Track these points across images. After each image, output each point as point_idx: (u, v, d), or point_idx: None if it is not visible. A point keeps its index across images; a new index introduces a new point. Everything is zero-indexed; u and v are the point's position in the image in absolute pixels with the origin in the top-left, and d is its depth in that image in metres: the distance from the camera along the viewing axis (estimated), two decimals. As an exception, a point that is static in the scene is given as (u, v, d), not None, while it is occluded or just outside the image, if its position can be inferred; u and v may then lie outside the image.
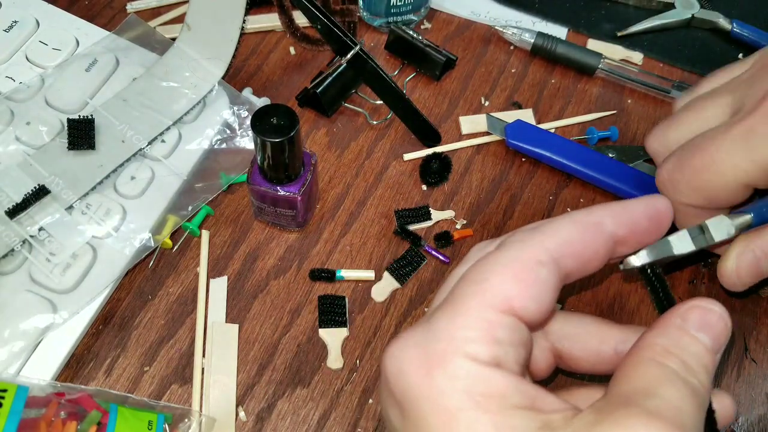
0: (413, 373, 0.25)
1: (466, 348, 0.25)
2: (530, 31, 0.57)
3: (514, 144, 0.50)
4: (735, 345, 0.45)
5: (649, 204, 0.29)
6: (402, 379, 0.25)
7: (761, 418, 0.42)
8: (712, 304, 0.27)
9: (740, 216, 0.37)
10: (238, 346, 0.43)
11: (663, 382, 0.24)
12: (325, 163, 0.51)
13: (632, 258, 0.31)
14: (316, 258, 0.47)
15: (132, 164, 0.47)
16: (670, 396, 0.24)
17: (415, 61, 0.55)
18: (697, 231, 0.35)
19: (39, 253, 0.43)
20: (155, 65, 0.51)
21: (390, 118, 0.53)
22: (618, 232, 0.28)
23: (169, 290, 0.45)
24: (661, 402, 0.23)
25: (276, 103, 0.46)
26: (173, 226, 0.46)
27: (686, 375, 0.25)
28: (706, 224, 0.35)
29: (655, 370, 0.25)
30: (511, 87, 0.56)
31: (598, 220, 0.28)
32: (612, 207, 0.29)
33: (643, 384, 0.24)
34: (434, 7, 0.60)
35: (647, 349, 0.26)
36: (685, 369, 0.25)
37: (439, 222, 0.49)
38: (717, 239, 0.36)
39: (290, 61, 0.56)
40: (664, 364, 0.25)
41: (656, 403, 0.23)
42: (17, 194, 0.43)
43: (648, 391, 0.24)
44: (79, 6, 0.58)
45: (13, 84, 0.50)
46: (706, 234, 0.35)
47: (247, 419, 0.41)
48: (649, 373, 0.25)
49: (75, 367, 0.42)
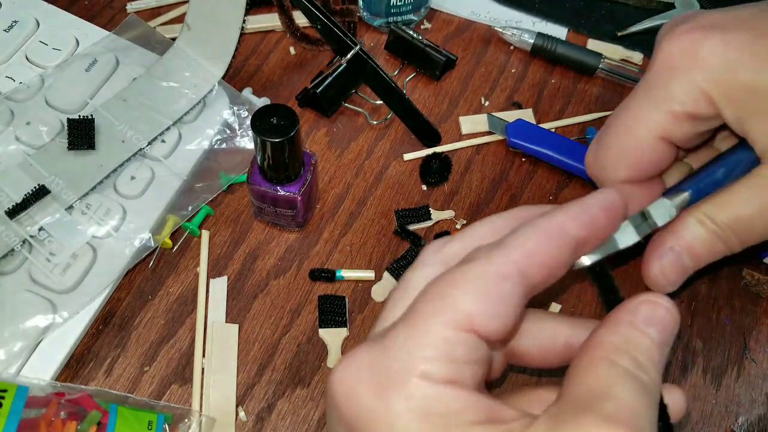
0: (365, 395, 0.24)
1: (422, 367, 0.24)
2: (530, 31, 0.57)
3: (515, 143, 0.50)
4: (735, 345, 0.45)
5: (602, 198, 0.28)
6: (354, 401, 0.24)
7: (761, 418, 0.42)
8: (660, 297, 0.27)
9: (678, 195, 0.37)
10: (238, 346, 0.43)
11: (616, 383, 0.24)
12: (325, 163, 0.51)
13: (583, 258, 0.30)
14: (316, 258, 0.47)
15: (132, 164, 0.47)
16: (624, 397, 0.24)
17: (415, 61, 0.55)
18: (639, 219, 0.35)
19: (39, 253, 0.43)
20: (155, 65, 0.51)
21: (390, 118, 0.53)
22: (580, 234, 0.27)
23: (169, 290, 0.45)
24: (615, 404, 0.23)
25: (276, 103, 0.46)
26: (173, 226, 0.46)
27: (638, 372, 0.25)
28: (647, 210, 0.35)
29: (608, 370, 0.25)
30: (511, 87, 0.56)
31: (560, 225, 0.27)
32: (570, 208, 0.28)
33: (597, 385, 0.24)
34: (434, 7, 0.60)
35: (599, 348, 0.26)
36: (636, 366, 0.25)
37: (439, 222, 0.49)
38: (660, 223, 0.36)
39: (290, 61, 0.56)
40: (615, 363, 0.25)
41: (611, 406, 0.23)
42: (17, 194, 0.43)
43: (602, 394, 0.24)
44: (79, 6, 0.58)
45: (13, 84, 0.50)
46: (649, 220, 0.35)
47: (247, 419, 0.41)
48: (601, 374, 0.25)
49: (75, 367, 0.42)
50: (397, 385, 0.24)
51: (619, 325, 0.26)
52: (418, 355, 0.24)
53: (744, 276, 0.47)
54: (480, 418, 0.24)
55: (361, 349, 0.26)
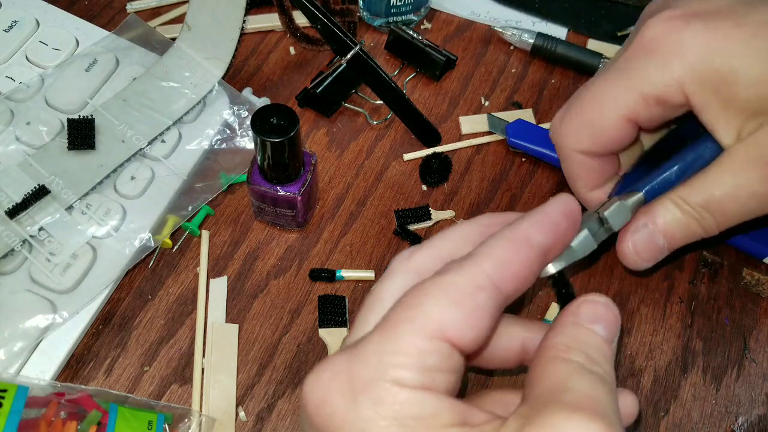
0: (336, 402, 0.24)
1: (393, 373, 0.24)
2: (530, 31, 0.57)
3: (515, 143, 0.50)
4: (735, 345, 0.45)
5: (561, 202, 0.29)
6: (325, 408, 0.24)
7: (761, 418, 0.42)
8: (599, 296, 0.28)
9: (632, 195, 0.37)
10: (238, 346, 0.43)
11: (572, 376, 0.25)
12: (325, 163, 0.51)
13: (548, 266, 0.31)
14: (316, 258, 0.47)
15: (132, 164, 0.47)
16: (581, 387, 0.24)
17: (415, 61, 0.55)
18: (597, 225, 0.35)
19: (39, 253, 0.43)
20: (155, 65, 0.51)
21: (390, 118, 0.53)
22: (546, 241, 0.28)
23: (169, 290, 0.45)
24: (575, 394, 0.24)
25: (276, 103, 0.46)
26: (173, 226, 0.46)
27: (591, 366, 0.25)
28: (604, 216, 0.36)
29: (562, 366, 0.26)
30: (511, 87, 0.56)
31: (526, 234, 0.27)
32: (533, 217, 0.28)
33: (555, 382, 0.25)
34: (434, 7, 0.60)
35: (550, 348, 0.26)
36: (588, 361, 0.26)
37: (439, 222, 0.49)
38: (617, 227, 0.37)
39: (290, 61, 0.56)
40: (568, 359, 0.26)
41: (572, 396, 0.24)
42: (17, 194, 0.44)
43: (561, 387, 0.24)
44: (79, 6, 0.58)
45: (13, 84, 0.50)
46: (605, 225, 0.36)
47: (247, 419, 0.41)
48: (557, 370, 0.25)
49: (75, 367, 0.42)
50: (369, 390, 0.24)
51: (564, 326, 0.27)
52: (391, 362, 0.24)
53: (744, 276, 0.47)
54: (453, 421, 0.24)
55: (334, 357, 0.26)
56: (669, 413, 0.42)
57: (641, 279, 0.47)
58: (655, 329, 0.45)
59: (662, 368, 0.43)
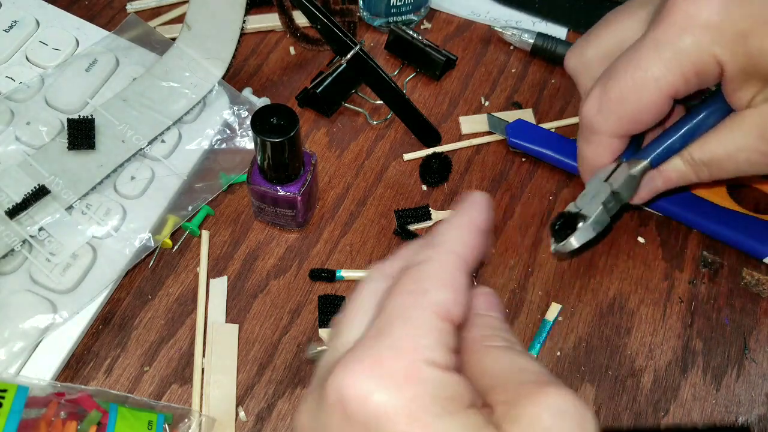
0: (384, 392, 0.24)
1: (426, 355, 0.25)
2: (530, 31, 0.57)
3: (515, 143, 0.50)
4: (735, 345, 0.45)
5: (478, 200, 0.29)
6: (371, 401, 0.24)
7: (761, 418, 0.42)
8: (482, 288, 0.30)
9: (638, 162, 0.40)
10: (238, 346, 0.43)
11: (511, 357, 0.26)
12: (325, 163, 0.51)
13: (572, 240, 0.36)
14: (316, 258, 0.47)
15: (132, 164, 0.47)
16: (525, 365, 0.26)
17: (415, 61, 0.55)
18: (610, 198, 0.40)
19: (39, 253, 0.43)
20: (155, 65, 0.51)
21: (390, 118, 0.53)
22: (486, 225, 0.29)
23: (169, 290, 0.45)
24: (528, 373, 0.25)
25: (276, 103, 0.46)
26: (173, 226, 0.46)
27: (513, 345, 0.27)
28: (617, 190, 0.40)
29: (496, 352, 0.27)
30: (511, 87, 0.56)
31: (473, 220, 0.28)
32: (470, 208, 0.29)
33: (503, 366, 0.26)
34: (434, 7, 0.60)
35: (475, 342, 0.28)
36: (508, 341, 0.27)
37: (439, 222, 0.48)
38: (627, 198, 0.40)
39: (290, 61, 0.56)
40: (496, 345, 0.27)
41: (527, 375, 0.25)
42: (17, 194, 0.43)
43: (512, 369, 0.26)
44: (79, 6, 0.58)
45: (13, 84, 0.50)
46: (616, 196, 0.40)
47: (247, 419, 0.41)
48: (498, 358, 0.27)
49: (75, 367, 0.42)
50: (411, 375, 0.24)
51: (472, 320, 0.29)
52: (420, 345, 0.25)
53: (744, 276, 0.47)
54: (472, 402, 0.25)
55: (356, 352, 0.26)
56: (669, 413, 0.42)
57: (641, 279, 0.47)
58: (655, 329, 0.45)
59: (662, 368, 0.43)
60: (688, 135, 0.39)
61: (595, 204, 0.40)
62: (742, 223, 0.47)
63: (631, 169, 0.40)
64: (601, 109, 0.39)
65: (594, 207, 0.40)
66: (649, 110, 0.38)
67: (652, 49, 0.36)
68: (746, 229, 0.47)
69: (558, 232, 0.41)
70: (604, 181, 0.41)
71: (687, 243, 0.48)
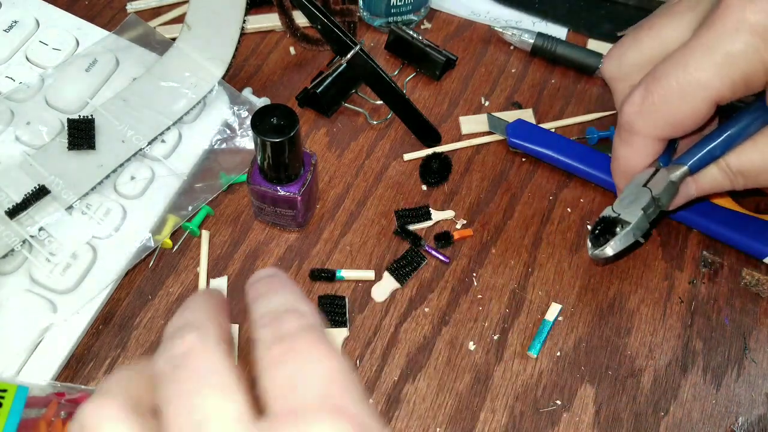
0: None
1: None
2: (530, 31, 0.57)
3: (515, 143, 0.50)
4: (735, 345, 0.45)
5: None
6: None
7: (761, 418, 0.42)
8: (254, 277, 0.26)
9: (678, 168, 0.40)
10: (238, 346, 0.43)
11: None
12: (325, 163, 0.51)
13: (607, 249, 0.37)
14: (316, 258, 0.47)
15: (132, 164, 0.47)
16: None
17: (415, 61, 0.55)
18: (651, 204, 0.39)
19: (39, 253, 0.43)
20: (155, 65, 0.51)
21: (390, 118, 0.53)
22: None
23: (169, 290, 0.45)
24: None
25: (276, 103, 0.46)
26: (173, 226, 0.46)
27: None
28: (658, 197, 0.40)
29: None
30: (511, 87, 0.56)
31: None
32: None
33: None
34: (434, 7, 0.60)
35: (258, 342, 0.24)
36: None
37: (439, 222, 0.49)
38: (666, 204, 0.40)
39: (290, 61, 0.56)
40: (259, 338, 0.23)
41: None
42: (17, 194, 0.43)
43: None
44: (79, 6, 0.58)
45: (13, 84, 0.50)
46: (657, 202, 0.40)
47: (247, 419, 0.41)
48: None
49: (75, 367, 0.42)
50: None
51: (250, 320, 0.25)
52: None
53: (744, 276, 0.47)
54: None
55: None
56: (669, 413, 0.42)
57: (641, 279, 0.47)
58: (655, 329, 0.45)
59: (662, 368, 0.43)
60: (729, 142, 0.39)
61: (634, 209, 0.39)
62: (742, 223, 0.47)
63: (670, 175, 0.39)
64: (642, 110, 0.38)
65: (634, 212, 0.39)
66: (693, 115, 0.37)
67: (701, 52, 0.35)
68: (746, 229, 0.47)
69: (597, 238, 0.41)
70: (643, 186, 0.40)
71: (687, 243, 0.48)
